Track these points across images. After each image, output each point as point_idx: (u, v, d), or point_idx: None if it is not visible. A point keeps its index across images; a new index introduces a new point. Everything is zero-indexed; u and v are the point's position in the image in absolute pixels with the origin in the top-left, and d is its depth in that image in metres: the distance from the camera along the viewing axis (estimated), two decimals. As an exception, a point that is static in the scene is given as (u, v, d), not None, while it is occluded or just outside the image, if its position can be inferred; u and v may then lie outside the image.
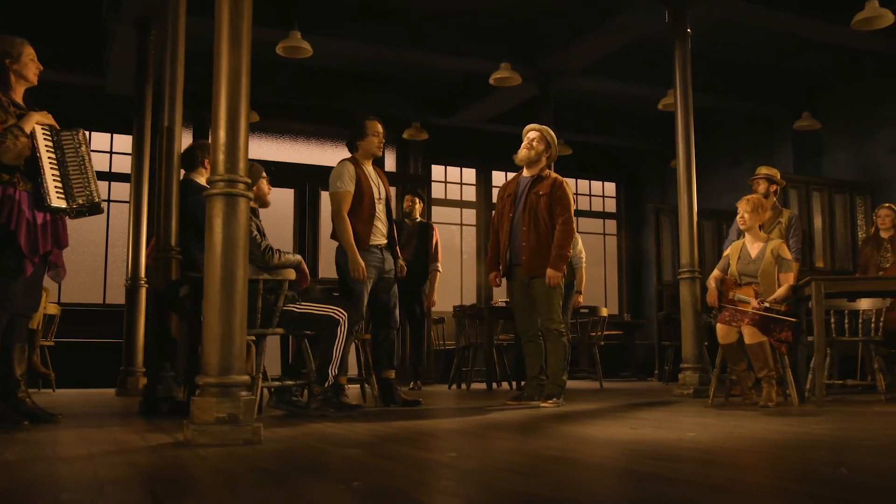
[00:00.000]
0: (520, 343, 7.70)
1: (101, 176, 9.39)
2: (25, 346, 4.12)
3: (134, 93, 7.94)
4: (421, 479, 2.27)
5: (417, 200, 7.97)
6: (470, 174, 11.26)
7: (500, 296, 8.58)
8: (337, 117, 9.75)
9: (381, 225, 5.33)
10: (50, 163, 3.85)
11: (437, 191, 10.92)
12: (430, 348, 9.93)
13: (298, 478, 2.27)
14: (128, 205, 7.88)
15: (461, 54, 8.37)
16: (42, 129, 3.91)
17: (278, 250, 4.48)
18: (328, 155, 10.05)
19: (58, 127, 4.07)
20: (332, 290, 5.67)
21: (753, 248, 5.58)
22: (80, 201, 3.96)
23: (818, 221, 8.72)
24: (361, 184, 5.27)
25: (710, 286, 5.66)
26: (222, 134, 3.23)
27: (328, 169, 6.42)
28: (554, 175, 5.61)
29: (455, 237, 11.08)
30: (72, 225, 10.02)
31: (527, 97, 9.15)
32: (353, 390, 6.10)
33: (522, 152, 5.60)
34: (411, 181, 10.24)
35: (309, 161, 10.06)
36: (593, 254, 12.16)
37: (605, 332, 11.30)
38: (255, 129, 9.51)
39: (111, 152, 9.54)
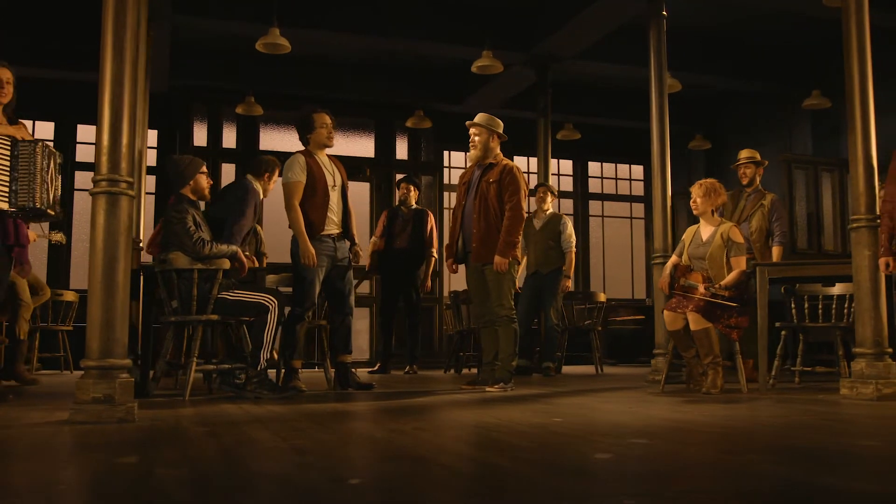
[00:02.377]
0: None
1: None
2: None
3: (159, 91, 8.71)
4: (204, 455, 2.47)
5: (412, 188, 8.14)
6: (491, 160, 11.33)
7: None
8: (343, 107, 9.98)
9: (333, 215, 5.50)
10: (1, 169, 4.20)
11: (456, 177, 11.06)
12: (441, 332, 10.14)
13: (99, 451, 2.50)
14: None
15: (458, 42, 8.48)
16: (1, 139, 4.25)
17: (211, 241, 4.74)
18: (337, 144, 10.26)
19: (29, 138, 4.42)
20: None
21: (705, 231, 5.55)
22: (21, 204, 4.26)
23: (828, 203, 8.48)
24: (314, 173, 5.45)
25: (664, 272, 5.67)
26: (105, 137, 3.47)
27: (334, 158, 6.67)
28: (504, 161, 5.70)
29: (474, 223, 11.20)
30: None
31: (534, 81, 9.18)
32: (318, 374, 6.34)
33: (471, 152, 5.72)
34: (422, 168, 10.41)
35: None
36: (621, 238, 12.10)
37: (629, 318, 11.30)
38: (262, 121, 9.84)
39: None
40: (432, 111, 10.16)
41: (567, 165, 11.83)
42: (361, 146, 10.40)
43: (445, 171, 10.87)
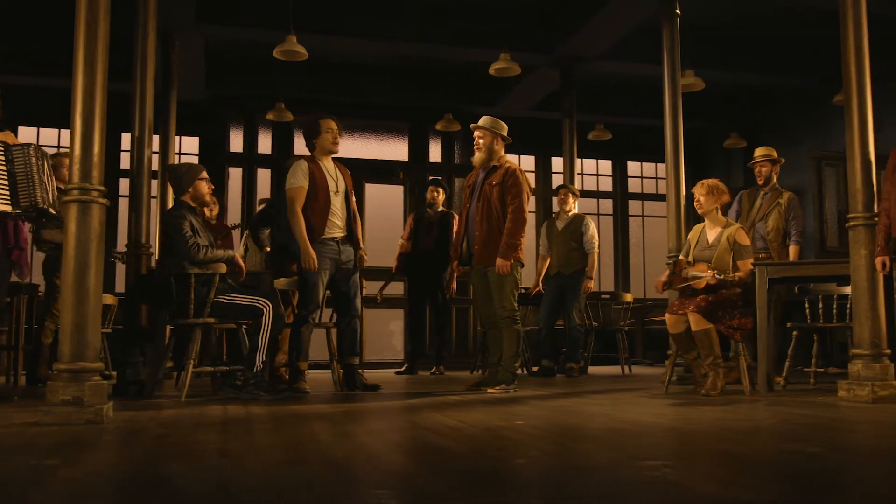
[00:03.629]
0: (539, 328, 7.84)
1: (167, 174, 10.29)
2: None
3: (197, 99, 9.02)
4: (128, 458, 2.57)
5: (440, 191, 8.19)
6: (529, 161, 11.31)
7: (528, 281, 8.62)
8: (377, 111, 10.13)
9: (337, 219, 5.59)
10: None
11: (493, 179, 11.09)
12: (475, 333, 10.15)
13: (35, 453, 2.62)
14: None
15: (482, 46, 8.47)
16: None
17: (206, 246, 4.88)
18: (367, 148, 10.36)
19: (17, 142, 4.63)
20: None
21: (711, 233, 5.45)
22: (24, 205, 4.47)
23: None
24: (316, 179, 5.55)
25: (665, 273, 5.59)
26: (77, 148, 3.62)
27: (362, 161, 6.71)
28: (508, 164, 5.71)
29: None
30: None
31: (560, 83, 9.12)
32: (325, 375, 6.44)
33: (476, 155, 5.75)
34: (456, 171, 10.46)
35: (343, 155, 10.49)
36: (662, 237, 11.89)
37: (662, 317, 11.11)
38: (297, 126, 10.00)
39: (179, 153, 10.33)
40: (464, 114, 10.17)
41: (606, 165, 11.72)
42: (395, 149, 10.50)
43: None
